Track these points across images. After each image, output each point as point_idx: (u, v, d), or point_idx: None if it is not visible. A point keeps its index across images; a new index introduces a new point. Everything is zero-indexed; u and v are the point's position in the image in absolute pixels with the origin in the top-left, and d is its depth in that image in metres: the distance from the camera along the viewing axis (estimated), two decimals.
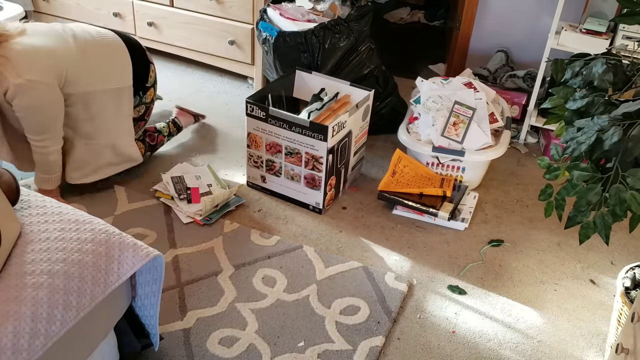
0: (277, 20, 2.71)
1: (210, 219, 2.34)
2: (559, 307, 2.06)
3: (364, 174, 2.71)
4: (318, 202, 2.41)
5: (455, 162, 2.49)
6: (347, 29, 2.60)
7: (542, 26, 3.09)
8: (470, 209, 2.45)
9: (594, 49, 1.85)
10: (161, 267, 1.55)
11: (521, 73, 3.04)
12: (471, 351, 1.87)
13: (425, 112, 2.53)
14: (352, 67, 2.69)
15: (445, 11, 4.40)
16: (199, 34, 3.27)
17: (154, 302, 1.61)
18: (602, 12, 2.78)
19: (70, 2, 3.58)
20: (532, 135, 3.02)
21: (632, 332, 1.34)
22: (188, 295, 2.00)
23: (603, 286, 2.15)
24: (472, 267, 2.20)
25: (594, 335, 1.95)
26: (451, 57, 3.45)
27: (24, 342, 1.24)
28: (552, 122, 1.72)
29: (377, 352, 1.83)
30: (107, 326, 1.54)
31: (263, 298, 2.01)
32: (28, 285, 1.31)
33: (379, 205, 2.50)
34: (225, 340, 1.85)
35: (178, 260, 2.14)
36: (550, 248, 2.32)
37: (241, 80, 3.44)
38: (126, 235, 1.52)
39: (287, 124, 2.29)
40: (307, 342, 1.85)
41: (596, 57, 1.49)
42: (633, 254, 2.31)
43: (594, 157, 1.31)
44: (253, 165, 2.50)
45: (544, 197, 1.48)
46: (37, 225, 1.48)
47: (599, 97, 1.42)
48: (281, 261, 2.17)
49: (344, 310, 1.97)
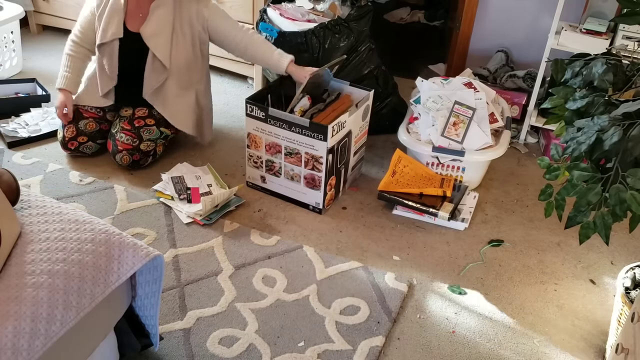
0: (277, 20, 2.71)
1: (210, 219, 2.34)
2: (559, 307, 2.06)
3: (364, 174, 2.71)
4: (318, 202, 2.41)
5: (455, 162, 2.49)
6: (347, 29, 2.60)
7: (542, 26, 3.09)
8: (470, 209, 2.45)
9: (594, 49, 1.85)
10: (161, 267, 1.55)
11: (521, 73, 3.04)
12: (471, 351, 1.87)
13: (425, 112, 2.53)
14: (352, 67, 2.69)
15: (445, 11, 4.40)
16: None
17: (154, 302, 1.61)
18: (602, 12, 2.78)
19: (70, 2, 3.58)
20: (532, 135, 3.02)
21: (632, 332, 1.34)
22: (188, 295, 2.00)
23: (603, 286, 2.15)
24: (472, 267, 2.20)
25: (594, 335, 1.95)
26: (451, 57, 3.45)
27: (24, 342, 1.24)
28: (552, 122, 1.72)
29: (377, 352, 1.83)
30: (107, 326, 1.54)
31: (263, 298, 2.01)
32: (28, 285, 1.31)
33: (379, 205, 2.50)
34: (225, 340, 1.85)
35: (178, 260, 2.14)
36: (550, 248, 2.32)
37: (241, 80, 3.44)
38: (126, 235, 1.52)
39: (286, 124, 2.29)
40: (307, 342, 1.85)
41: (596, 57, 1.49)
42: (633, 254, 2.31)
43: (594, 157, 1.31)
44: (253, 165, 2.50)
45: (544, 197, 1.48)
46: (37, 225, 1.48)
47: (599, 97, 1.42)
48: (281, 261, 2.17)
49: (344, 310, 1.97)
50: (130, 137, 2.53)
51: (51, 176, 2.54)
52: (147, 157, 2.58)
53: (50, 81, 3.27)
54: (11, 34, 3.29)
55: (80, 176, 2.55)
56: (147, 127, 2.57)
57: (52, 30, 3.85)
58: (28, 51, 3.60)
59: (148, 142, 2.56)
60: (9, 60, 3.31)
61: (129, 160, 2.55)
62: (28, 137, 2.75)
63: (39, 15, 3.78)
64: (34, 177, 2.52)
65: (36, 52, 3.64)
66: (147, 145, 2.56)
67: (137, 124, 2.56)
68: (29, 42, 3.72)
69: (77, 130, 2.59)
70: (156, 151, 2.61)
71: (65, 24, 3.67)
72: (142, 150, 2.55)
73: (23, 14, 3.32)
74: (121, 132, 2.54)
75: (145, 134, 2.56)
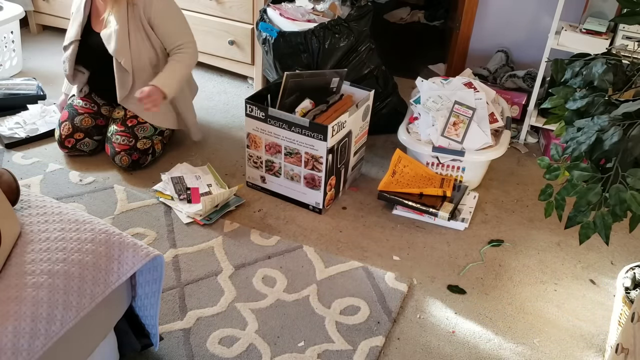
0: (277, 20, 2.71)
1: (210, 219, 2.34)
2: (559, 307, 2.06)
3: (364, 174, 2.71)
4: (318, 202, 2.41)
5: (455, 162, 2.49)
6: (347, 29, 2.60)
7: (542, 26, 3.09)
8: (470, 209, 2.45)
9: (594, 49, 1.85)
10: (161, 267, 1.55)
11: (521, 73, 3.04)
12: (471, 351, 1.87)
13: (425, 112, 2.53)
14: (352, 67, 2.69)
15: (445, 11, 4.40)
16: (199, 34, 3.25)
17: (154, 302, 1.61)
18: (602, 12, 2.78)
19: (70, 2, 3.57)
20: (532, 135, 3.02)
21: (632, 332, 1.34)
22: (188, 295, 2.00)
23: (603, 286, 2.15)
24: (472, 267, 2.20)
25: (594, 335, 1.95)
26: (451, 57, 3.45)
27: (24, 342, 1.24)
28: (552, 122, 1.72)
29: (377, 352, 1.83)
30: (107, 326, 1.55)
31: (263, 298, 2.01)
32: (28, 285, 1.31)
33: (379, 205, 2.50)
34: (225, 340, 1.85)
35: (178, 260, 2.14)
36: (550, 248, 2.32)
37: (241, 80, 3.44)
38: (126, 235, 1.52)
39: (286, 124, 2.29)
40: (307, 342, 1.85)
41: (596, 57, 1.49)
42: (633, 254, 2.31)
43: (594, 157, 1.31)
44: (253, 165, 2.50)
45: (544, 197, 1.48)
46: (37, 225, 1.48)
47: (599, 97, 1.42)
48: (281, 261, 2.17)
49: (344, 310, 1.97)
50: (126, 137, 2.54)
51: (51, 176, 2.54)
52: (146, 155, 2.58)
53: (51, 81, 3.27)
54: (11, 34, 3.29)
55: (80, 176, 2.55)
56: (140, 125, 2.57)
57: (52, 30, 3.85)
58: (28, 51, 3.60)
59: (144, 139, 2.56)
60: (9, 60, 3.31)
61: (129, 160, 2.55)
62: (26, 137, 2.74)
63: (39, 15, 3.78)
64: (34, 177, 2.52)
65: (36, 52, 3.64)
66: (143, 143, 2.56)
67: (130, 123, 2.56)
68: (29, 42, 3.71)
69: (72, 127, 2.59)
70: (154, 149, 2.61)
71: (65, 24, 3.65)
72: (139, 149, 2.55)
73: (23, 14, 3.32)
74: (116, 134, 2.55)
75: (139, 132, 2.56)
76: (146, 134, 2.57)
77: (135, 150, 2.54)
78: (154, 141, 2.60)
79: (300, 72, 2.43)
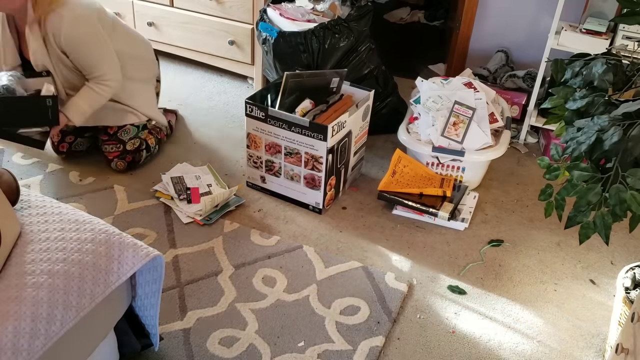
0: (277, 20, 2.71)
1: (210, 219, 2.34)
2: (559, 307, 2.06)
3: (364, 174, 2.71)
4: (318, 202, 2.41)
5: (455, 162, 2.49)
6: (347, 29, 2.60)
7: (542, 26, 3.09)
8: (470, 209, 2.45)
9: (594, 49, 1.85)
10: (161, 267, 1.55)
11: (521, 73, 3.04)
12: (471, 351, 1.87)
13: (425, 112, 2.53)
14: (352, 67, 2.69)
15: (445, 11, 4.40)
16: (199, 34, 3.27)
17: (154, 302, 1.61)
18: (602, 12, 2.78)
19: None
20: (532, 135, 3.02)
21: (632, 332, 1.34)
22: (188, 295, 2.00)
23: (603, 286, 2.15)
24: (472, 267, 2.20)
25: (594, 335, 1.95)
26: (451, 57, 3.45)
27: (24, 342, 1.24)
28: (552, 122, 1.72)
29: (377, 352, 1.83)
30: (107, 326, 1.55)
31: (263, 298, 2.01)
32: (28, 285, 1.31)
33: (379, 205, 2.50)
34: (225, 340, 1.85)
35: (178, 260, 2.14)
36: (550, 248, 2.32)
37: (241, 80, 3.44)
38: (126, 235, 1.52)
39: (286, 124, 2.29)
40: (307, 342, 1.85)
41: (596, 57, 1.49)
42: (633, 254, 2.31)
43: (594, 157, 1.31)
44: (253, 165, 2.50)
45: (544, 197, 1.48)
46: (37, 225, 1.48)
47: (599, 97, 1.42)
48: (281, 261, 2.17)
49: (344, 310, 1.97)
50: (114, 145, 2.55)
51: (51, 176, 2.54)
52: (139, 152, 2.58)
53: None
54: None
55: (80, 176, 2.55)
56: (121, 128, 2.56)
57: None
58: None
59: (131, 141, 2.56)
60: None
61: (124, 165, 2.56)
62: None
63: None
64: (34, 177, 2.52)
65: None
66: (132, 144, 2.56)
67: (111, 131, 2.56)
68: None
69: (61, 132, 2.59)
70: (147, 143, 2.61)
71: None
72: (130, 150, 2.55)
73: None
74: (104, 144, 2.57)
75: (123, 136, 2.56)
76: (131, 135, 2.57)
77: (127, 152, 2.55)
78: (140, 137, 2.60)
79: (300, 72, 2.43)
